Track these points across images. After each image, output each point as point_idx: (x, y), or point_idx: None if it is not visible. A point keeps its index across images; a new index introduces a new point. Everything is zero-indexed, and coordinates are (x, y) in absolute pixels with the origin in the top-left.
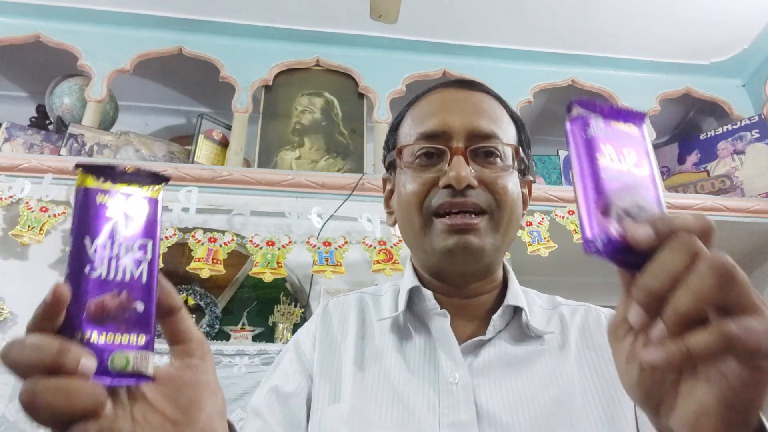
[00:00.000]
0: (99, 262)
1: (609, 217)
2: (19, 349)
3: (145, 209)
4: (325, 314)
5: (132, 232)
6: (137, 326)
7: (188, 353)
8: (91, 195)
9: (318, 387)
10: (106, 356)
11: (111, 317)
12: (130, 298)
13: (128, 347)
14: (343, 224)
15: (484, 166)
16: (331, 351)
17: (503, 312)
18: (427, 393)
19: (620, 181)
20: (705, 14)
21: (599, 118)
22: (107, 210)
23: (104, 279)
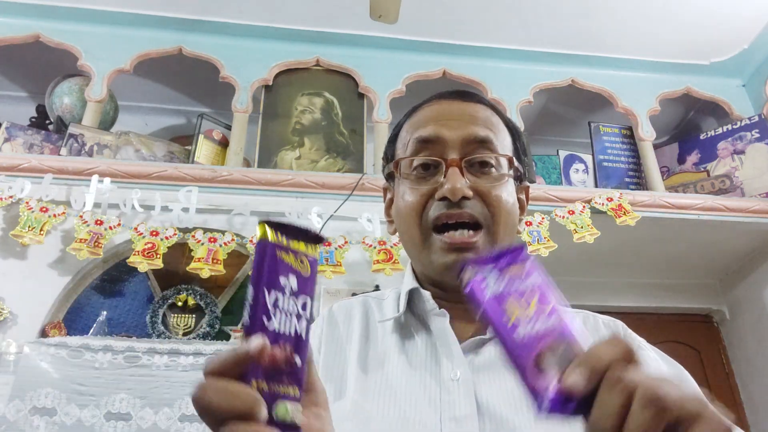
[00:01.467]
0: (275, 315)
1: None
2: (215, 393)
3: (308, 268)
4: (330, 317)
5: (299, 290)
6: (295, 379)
7: (314, 402)
8: (273, 250)
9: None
10: (272, 405)
11: (278, 369)
12: (293, 352)
13: (287, 398)
14: (343, 224)
15: (479, 177)
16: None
17: None
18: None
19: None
20: (705, 14)
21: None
22: (284, 266)
23: (278, 331)
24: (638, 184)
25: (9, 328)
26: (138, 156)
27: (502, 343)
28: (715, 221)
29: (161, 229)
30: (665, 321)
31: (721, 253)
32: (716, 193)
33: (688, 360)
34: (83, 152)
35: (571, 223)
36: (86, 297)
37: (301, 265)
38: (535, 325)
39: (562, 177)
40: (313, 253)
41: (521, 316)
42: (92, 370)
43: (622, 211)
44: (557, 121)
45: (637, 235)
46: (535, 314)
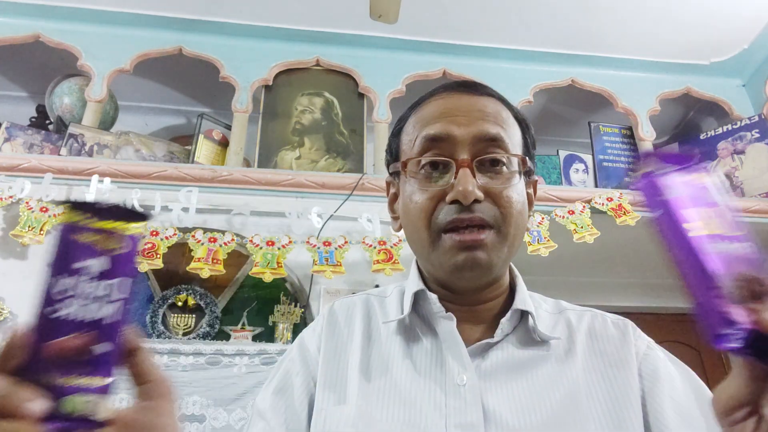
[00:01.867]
0: (63, 302)
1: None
2: None
3: (122, 247)
4: (331, 315)
5: (105, 271)
6: (97, 369)
7: (147, 394)
8: (68, 231)
9: (323, 388)
10: (60, 399)
11: (71, 359)
12: (94, 339)
13: (87, 390)
14: (343, 224)
15: (490, 176)
16: (337, 352)
17: (511, 316)
18: (434, 394)
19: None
20: (705, 14)
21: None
22: (84, 248)
23: (67, 319)
24: None
25: (9, 328)
26: (138, 156)
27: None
28: None
29: (161, 229)
30: (665, 321)
31: None
32: None
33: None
34: (83, 152)
35: (571, 223)
36: None
37: (112, 246)
38: (730, 244)
39: (562, 177)
40: (131, 231)
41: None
42: None
43: (622, 211)
44: (557, 121)
45: (637, 235)
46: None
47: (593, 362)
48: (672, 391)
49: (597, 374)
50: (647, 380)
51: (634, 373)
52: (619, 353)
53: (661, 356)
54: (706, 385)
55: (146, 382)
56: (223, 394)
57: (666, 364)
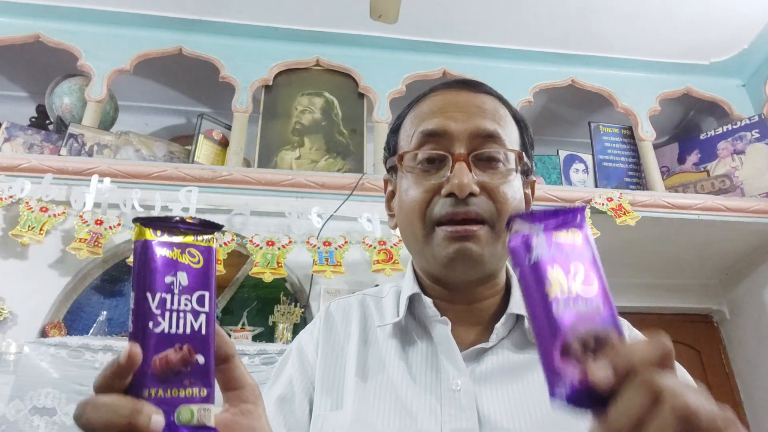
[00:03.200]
0: (161, 317)
1: (568, 359)
2: (93, 410)
3: (201, 259)
4: (327, 317)
5: (190, 285)
6: (199, 379)
7: (242, 399)
8: (150, 248)
9: (320, 393)
10: (173, 411)
11: (175, 372)
12: (191, 351)
13: (192, 400)
14: (343, 224)
15: (486, 171)
16: (334, 356)
17: (506, 320)
18: (429, 399)
19: (573, 311)
20: (705, 14)
21: (540, 234)
22: (166, 263)
23: (167, 333)
24: (638, 184)
25: (9, 328)
26: (138, 156)
27: (534, 315)
28: (715, 221)
29: None
30: (665, 321)
31: (721, 253)
32: (716, 193)
33: (688, 360)
34: (83, 152)
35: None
36: (86, 297)
37: (192, 259)
38: (575, 305)
39: (562, 177)
40: (206, 243)
41: (563, 291)
42: (92, 370)
43: (622, 211)
44: (557, 121)
45: (637, 235)
46: (578, 292)
47: None
48: None
49: None
50: None
51: None
52: None
53: None
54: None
55: (239, 387)
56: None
57: None
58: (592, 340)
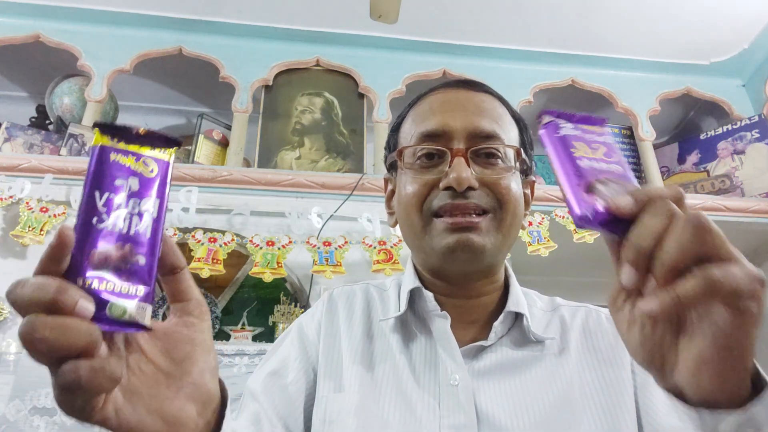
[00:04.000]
0: (107, 215)
1: (592, 193)
2: (21, 287)
3: (155, 170)
4: (330, 303)
5: (141, 191)
6: (138, 278)
7: (187, 311)
8: (106, 153)
9: (323, 375)
10: (106, 303)
11: (113, 267)
12: (133, 251)
13: (127, 296)
14: (343, 224)
15: (485, 167)
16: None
17: (505, 318)
18: (428, 394)
19: (595, 167)
20: (705, 14)
21: (567, 122)
22: (119, 168)
23: (110, 231)
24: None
25: (9, 328)
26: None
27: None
28: (715, 221)
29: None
30: None
31: None
32: (716, 193)
33: None
34: (83, 152)
35: (572, 223)
36: None
37: (145, 167)
38: (598, 163)
39: None
40: (164, 157)
41: (587, 155)
42: None
43: None
44: None
45: None
46: (600, 157)
47: (587, 359)
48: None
49: (591, 372)
50: (640, 376)
51: (627, 369)
52: (613, 350)
53: None
54: None
55: (184, 299)
56: None
57: None
58: (612, 185)
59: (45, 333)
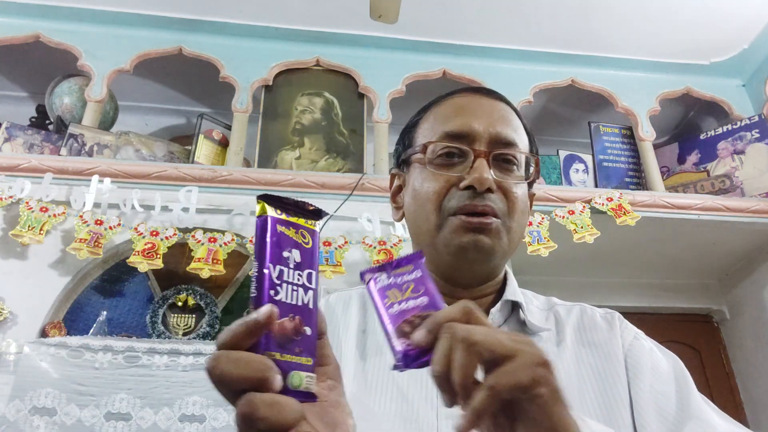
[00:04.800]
0: (280, 287)
1: (403, 337)
2: (228, 363)
3: (311, 241)
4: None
5: (302, 262)
6: (306, 349)
7: (329, 375)
8: (273, 224)
9: None
10: (286, 375)
11: (289, 339)
12: (302, 322)
13: (301, 367)
14: (343, 224)
15: (503, 173)
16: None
17: (502, 306)
18: (424, 385)
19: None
20: (705, 14)
21: (383, 273)
22: (286, 240)
23: (284, 302)
24: (638, 184)
25: (9, 328)
26: (138, 156)
27: (380, 320)
28: (715, 221)
29: (161, 229)
30: (665, 321)
31: (721, 253)
32: (716, 193)
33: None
34: (83, 152)
35: (571, 223)
36: (86, 297)
37: (303, 239)
38: (407, 303)
39: (562, 177)
40: (313, 227)
41: (397, 299)
42: (92, 370)
43: (622, 211)
44: (557, 121)
45: (637, 235)
46: (407, 297)
47: (583, 353)
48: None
49: (587, 366)
50: (631, 371)
51: (622, 364)
52: (607, 345)
53: (646, 346)
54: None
55: (327, 364)
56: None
57: (651, 355)
58: (418, 320)
59: (266, 412)
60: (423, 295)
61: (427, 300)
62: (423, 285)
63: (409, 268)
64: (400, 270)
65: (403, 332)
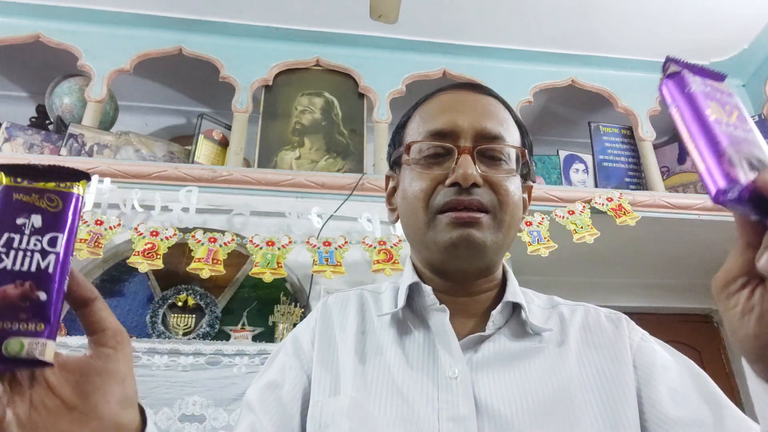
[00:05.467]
0: (5, 255)
1: (734, 166)
2: None
3: (60, 204)
4: (324, 309)
5: (44, 225)
6: (37, 314)
7: (101, 342)
8: (8, 193)
9: (318, 380)
10: (1, 342)
11: (11, 306)
12: (33, 288)
13: (25, 333)
14: (343, 224)
15: (489, 167)
16: (331, 345)
17: (503, 308)
18: (426, 387)
19: (733, 135)
20: (705, 14)
21: (696, 76)
22: (21, 206)
23: (9, 270)
24: (638, 184)
25: None
26: (138, 156)
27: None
28: (715, 221)
29: (161, 229)
30: (665, 321)
31: (721, 253)
32: None
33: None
34: (83, 152)
35: (571, 223)
36: None
37: (50, 203)
38: (735, 130)
39: (562, 177)
40: (67, 189)
41: (723, 118)
42: None
43: (622, 211)
44: (557, 121)
45: (637, 235)
46: (735, 123)
47: (587, 354)
48: (667, 379)
49: (591, 367)
50: (642, 371)
51: (629, 366)
52: (613, 346)
53: (656, 347)
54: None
55: (99, 331)
56: (223, 394)
57: (662, 354)
58: (754, 160)
59: None
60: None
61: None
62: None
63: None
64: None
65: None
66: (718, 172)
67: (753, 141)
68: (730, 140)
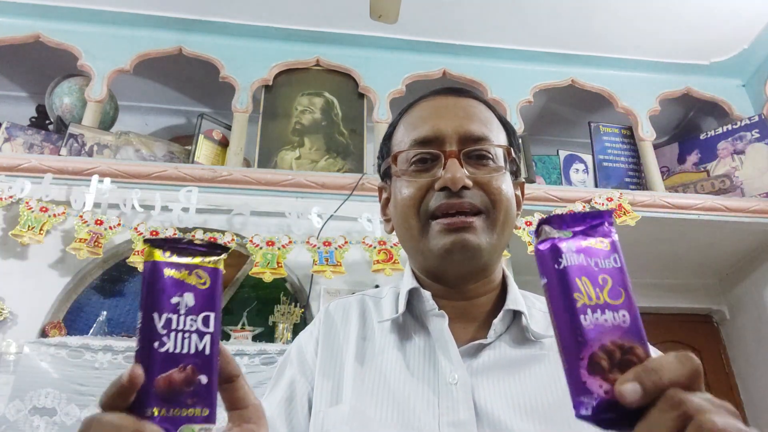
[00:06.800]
0: (166, 336)
1: (594, 373)
2: (97, 427)
3: (208, 281)
4: (327, 317)
5: (196, 305)
6: (201, 399)
7: (245, 419)
8: (159, 269)
9: (320, 389)
10: (175, 430)
11: (178, 392)
12: (195, 371)
13: (194, 420)
14: (343, 224)
15: (477, 168)
16: (333, 353)
17: (503, 316)
18: (426, 393)
19: (600, 321)
20: (705, 14)
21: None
22: (174, 284)
23: (171, 353)
24: (638, 184)
25: (9, 328)
26: (138, 156)
27: (560, 323)
28: (715, 221)
29: (161, 229)
30: (665, 321)
31: (721, 253)
32: (716, 193)
33: None
34: (83, 152)
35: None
36: (86, 297)
37: (199, 280)
38: (602, 315)
39: (562, 177)
40: (213, 265)
41: (590, 299)
42: (92, 370)
43: (622, 211)
44: (557, 121)
45: (637, 235)
46: (606, 302)
47: None
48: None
49: None
50: None
51: None
52: None
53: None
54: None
55: (243, 407)
56: None
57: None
58: (618, 353)
59: None
60: (624, 306)
61: (629, 318)
62: (622, 285)
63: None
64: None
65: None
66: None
67: (621, 322)
68: (596, 333)
